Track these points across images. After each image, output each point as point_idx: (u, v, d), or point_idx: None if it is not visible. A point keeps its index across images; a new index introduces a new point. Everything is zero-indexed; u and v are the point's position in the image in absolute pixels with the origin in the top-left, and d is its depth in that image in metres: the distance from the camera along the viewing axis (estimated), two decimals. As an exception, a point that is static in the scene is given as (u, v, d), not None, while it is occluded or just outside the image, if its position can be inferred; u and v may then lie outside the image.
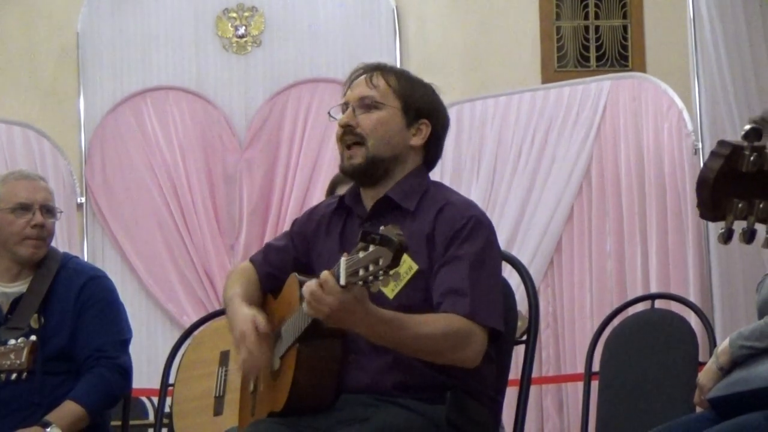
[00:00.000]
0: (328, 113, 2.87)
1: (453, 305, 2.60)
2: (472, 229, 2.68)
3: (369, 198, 2.80)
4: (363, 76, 2.80)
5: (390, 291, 2.64)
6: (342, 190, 3.53)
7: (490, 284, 2.66)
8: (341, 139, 2.78)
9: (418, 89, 2.82)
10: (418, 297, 2.65)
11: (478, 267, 2.64)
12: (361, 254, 2.30)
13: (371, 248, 2.28)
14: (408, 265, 2.63)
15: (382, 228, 2.28)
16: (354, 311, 2.44)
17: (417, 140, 2.79)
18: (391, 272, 2.28)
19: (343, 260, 2.35)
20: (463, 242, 2.66)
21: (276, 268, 2.89)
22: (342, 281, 2.35)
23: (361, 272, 2.30)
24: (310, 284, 2.44)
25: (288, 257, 2.89)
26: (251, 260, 2.97)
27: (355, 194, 2.84)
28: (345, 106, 2.80)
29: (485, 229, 2.71)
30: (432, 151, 2.84)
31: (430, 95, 2.83)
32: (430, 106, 2.81)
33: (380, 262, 2.26)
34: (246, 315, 2.72)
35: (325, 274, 2.42)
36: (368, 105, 2.76)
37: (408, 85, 2.80)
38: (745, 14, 6.26)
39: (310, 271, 2.79)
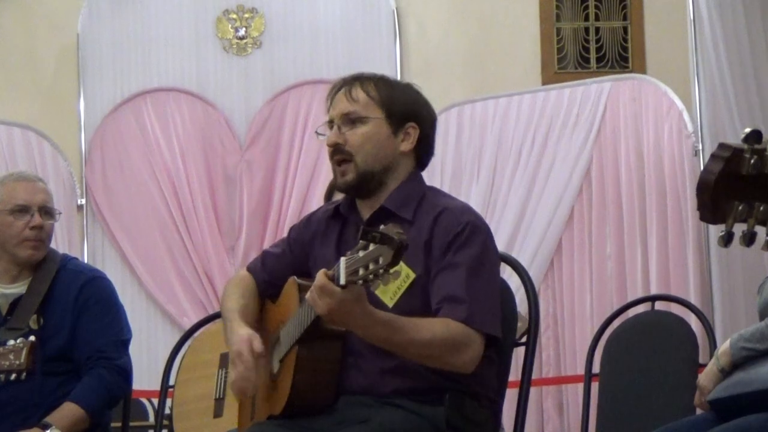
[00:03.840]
0: (316, 132, 2.87)
1: (450, 311, 2.60)
2: (469, 234, 2.67)
3: (365, 207, 2.80)
4: (342, 91, 2.79)
5: (389, 300, 2.64)
6: (340, 194, 3.54)
7: (487, 290, 2.66)
8: (332, 158, 2.78)
9: (399, 93, 2.80)
10: (417, 304, 2.65)
11: (476, 273, 2.64)
12: (361, 253, 2.29)
13: (371, 247, 2.27)
14: (405, 273, 2.63)
15: (382, 227, 2.28)
16: (352, 311, 2.44)
17: (406, 145, 2.78)
18: (392, 271, 2.27)
19: (342, 259, 2.35)
20: (460, 248, 2.66)
21: (273, 276, 2.89)
22: (342, 281, 2.34)
23: (361, 271, 2.30)
24: (312, 288, 2.44)
25: (285, 264, 2.89)
26: (248, 269, 2.97)
27: (351, 203, 2.84)
28: (330, 123, 2.79)
29: (482, 235, 2.70)
30: (423, 152, 2.83)
31: (413, 96, 2.82)
32: (414, 107, 2.80)
33: (380, 261, 2.26)
34: (242, 336, 2.71)
35: (321, 276, 2.42)
36: (352, 120, 2.75)
37: (388, 91, 2.78)
38: (746, 15, 6.26)
39: (308, 277, 2.78)
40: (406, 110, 2.78)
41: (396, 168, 2.78)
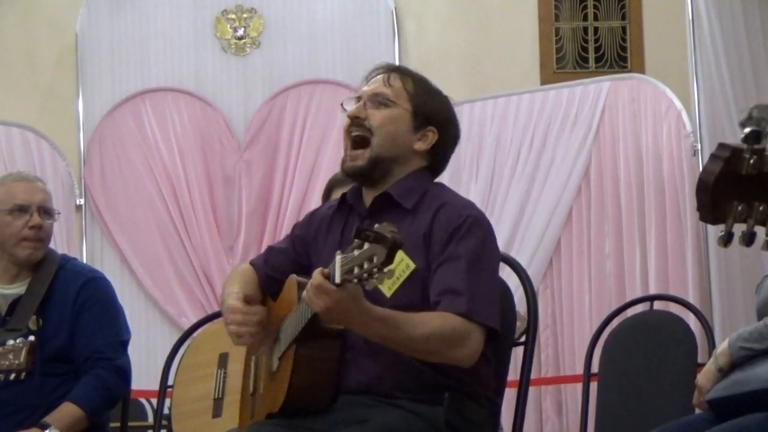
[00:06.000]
0: (341, 105, 2.88)
1: (450, 304, 2.60)
2: (469, 227, 2.68)
3: (370, 196, 2.81)
4: (381, 75, 2.82)
5: (387, 290, 2.64)
6: (338, 193, 3.53)
7: (487, 283, 2.66)
8: (347, 130, 2.79)
9: (433, 98, 2.83)
10: (416, 296, 2.65)
11: (476, 266, 2.65)
12: (356, 252, 2.30)
13: (365, 246, 2.28)
14: (405, 264, 2.63)
15: (376, 225, 2.29)
16: (349, 309, 2.45)
17: (421, 145, 2.80)
18: (386, 269, 2.28)
19: (338, 258, 2.36)
20: (460, 241, 2.66)
21: (276, 271, 2.90)
22: (337, 279, 2.35)
23: (356, 270, 2.30)
24: (308, 286, 2.45)
25: (288, 260, 2.89)
26: (251, 263, 2.98)
27: (357, 192, 2.85)
28: (358, 99, 2.81)
29: (483, 228, 2.71)
30: (436, 160, 2.85)
31: (444, 106, 2.85)
32: (442, 115, 2.83)
33: (374, 260, 2.26)
34: (230, 294, 2.78)
35: (317, 275, 2.42)
36: (380, 102, 2.78)
37: (423, 91, 2.82)
38: (744, 15, 6.27)
39: (311, 274, 2.79)
40: (433, 114, 2.81)
41: (406, 163, 2.79)
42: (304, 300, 2.53)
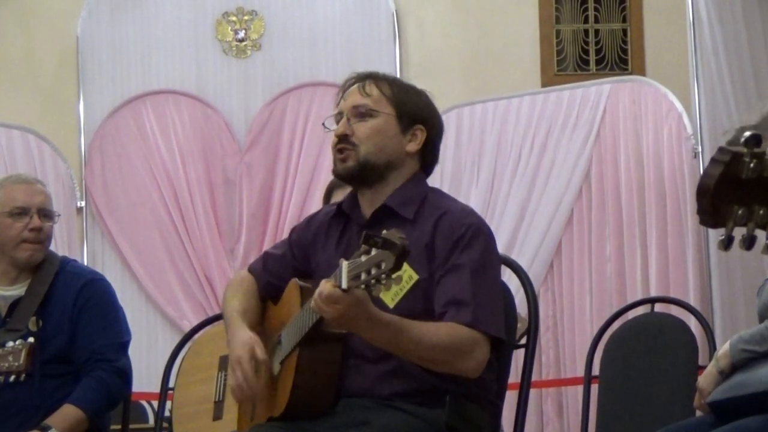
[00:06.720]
0: (323, 124, 2.87)
1: (455, 315, 2.60)
2: (471, 236, 2.67)
3: (367, 205, 2.80)
4: (355, 85, 2.80)
5: (390, 300, 2.64)
6: (338, 196, 3.54)
7: (491, 292, 2.66)
8: (335, 147, 2.78)
9: (412, 96, 2.81)
10: (419, 306, 2.65)
11: (479, 275, 2.64)
12: (363, 258, 2.29)
13: (373, 252, 2.27)
14: (408, 275, 2.63)
15: (384, 232, 2.28)
16: (356, 315, 2.44)
17: (413, 146, 2.79)
18: (394, 276, 2.27)
19: (344, 264, 2.35)
20: (463, 250, 2.66)
21: (275, 277, 2.89)
22: (344, 285, 2.34)
23: (363, 276, 2.30)
24: (315, 295, 2.45)
25: (286, 265, 2.89)
26: (250, 270, 2.97)
27: (353, 201, 2.84)
28: (339, 115, 2.80)
29: (484, 236, 2.71)
30: (428, 157, 2.84)
31: (424, 101, 2.83)
32: (425, 112, 2.81)
33: (382, 266, 2.26)
34: (244, 340, 2.71)
35: (326, 285, 2.42)
36: (362, 113, 2.76)
37: (401, 91, 2.80)
38: (745, 18, 6.27)
39: (310, 279, 2.79)
40: (417, 113, 2.79)
41: (400, 166, 2.78)
42: (310, 308, 2.52)
